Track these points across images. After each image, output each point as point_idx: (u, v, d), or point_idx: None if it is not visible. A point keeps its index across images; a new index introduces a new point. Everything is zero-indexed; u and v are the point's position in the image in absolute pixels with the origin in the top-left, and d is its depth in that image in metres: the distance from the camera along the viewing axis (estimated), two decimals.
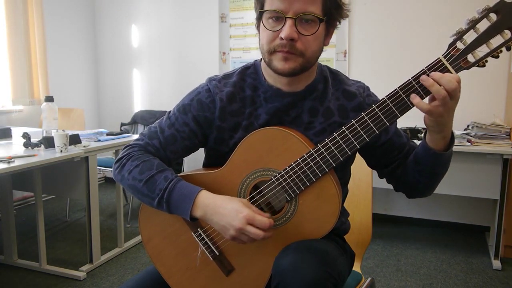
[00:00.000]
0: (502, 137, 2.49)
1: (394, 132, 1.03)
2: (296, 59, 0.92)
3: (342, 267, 0.96)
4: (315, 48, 0.93)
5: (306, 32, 0.90)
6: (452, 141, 0.92)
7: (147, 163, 0.97)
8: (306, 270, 0.81)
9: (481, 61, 0.82)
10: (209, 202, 0.91)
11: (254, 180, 0.95)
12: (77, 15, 4.04)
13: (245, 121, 1.01)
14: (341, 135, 0.89)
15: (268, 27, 0.92)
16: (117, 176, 1.01)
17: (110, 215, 3.33)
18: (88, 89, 4.22)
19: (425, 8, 2.98)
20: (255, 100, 1.02)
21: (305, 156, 0.90)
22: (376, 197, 3.22)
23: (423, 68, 0.84)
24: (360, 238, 1.32)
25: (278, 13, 0.89)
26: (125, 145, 1.05)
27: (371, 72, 3.18)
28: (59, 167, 2.33)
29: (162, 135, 1.03)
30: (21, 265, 2.42)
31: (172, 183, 0.94)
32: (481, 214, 2.99)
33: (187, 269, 1.01)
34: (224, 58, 3.69)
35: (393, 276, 2.35)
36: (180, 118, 1.03)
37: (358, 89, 1.04)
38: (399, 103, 0.85)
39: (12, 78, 3.38)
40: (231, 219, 0.87)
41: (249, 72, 1.05)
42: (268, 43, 0.93)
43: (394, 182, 1.07)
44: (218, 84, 1.03)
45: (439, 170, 0.96)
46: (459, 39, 0.82)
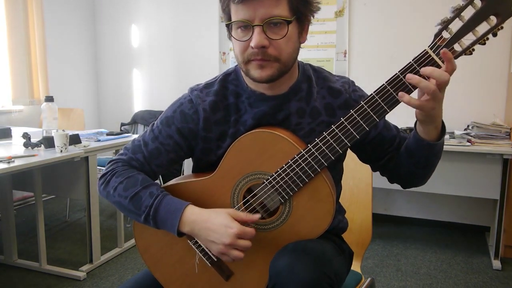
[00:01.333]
0: (502, 137, 2.49)
1: (383, 126, 1.02)
2: (272, 65, 0.90)
3: (339, 267, 0.96)
4: (289, 50, 0.91)
5: (276, 36, 0.88)
6: (444, 129, 0.91)
7: (131, 179, 0.96)
8: (301, 271, 0.81)
9: (468, 49, 0.80)
10: (195, 218, 0.90)
11: (247, 184, 0.95)
12: (77, 15, 4.04)
13: (232, 128, 0.99)
14: (331, 134, 0.88)
15: (237, 38, 0.91)
16: (103, 193, 1.00)
17: (110, 215, 3.33)
18: (88, 89, 4.22)
19: (425, 8, 2.98)
20: (239, 106, 1.00)
21: (296, 157, 0.89)
22: (376, 197, 3.22)
23: (410, 61, 0.82)
24: (360, 238, 1.32)
25: (245, 22, 0.87)
26: (109, 160, 1.03)
27: (371, 72, 3.18)
28: (59, 167, 2.33)
29: (146, 148, 1.01)
30: (21, 265, 2.42)
31: (157, 199, 0.93)
32: (481, 214, 2.99)
33: (186, 276, 1.01)
34: (224, 58, 3.69)
35: (393, 276, 2.35)
36: (164, 131, 1.01)
37: (343, 85, 1.02)
38: (388, 98, 0.84)
39: (12, 78, 3.38)
40: (219, 235, 0.86)
41: (230, 79, 1.03)
42: (241, 54, 0.92)
43: (388, 174, 1.06)
44: (200, 94, 1.01)
45: (434, 160, 0.95)
46: (445, 28, 0.80)
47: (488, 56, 2.81)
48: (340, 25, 3.22)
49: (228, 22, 0.92)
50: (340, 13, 3.21)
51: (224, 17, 0.95)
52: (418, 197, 3.16)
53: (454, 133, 2.60)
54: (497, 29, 0.78)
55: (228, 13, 0.92)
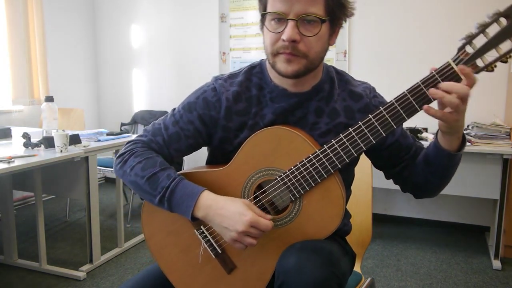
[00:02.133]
0: (502, 137, 2.49)
1: (400, 133, 1.02)
2: (299, 61, 0.91)
3: (345, 267, 0.96)
4: (319, 49, 0.93)
5: (308, 33, 0.89)
6: (464, 140, 0.92)
7: (150, 160, 0.97)
8: (311, 270, 0.81)
9: (490, 65, 0.81)
10: (211, 203, 0.90)
11: (259, 179, 0.95)
12: (77, 15, 4.04)
13: (251, 120, 1.00)
14: (348, 136, 0.88)
15: (270, 29, 0.92)
16: (119, 171, 1.00)
17: (110, 215, 3.33)
18: (88, 89, 4.22)
19: (425, 8, 2.98)
20: (260, 99, 1.01)
21: (310, 157, 0.90)
22: (376, 197, 3.22)
23: (432, 72, 0.83)
24: (360, 238, 1.32)
25: (280, 14, 0.88)
26: (128, 141, 1.04)
27: (371, 72, 3.18)
28: (59, 167, 2.33)
29: (166, 132, 1.02)
30: (21, 265, 2.42)
31: (174, 181, 0.93)
32: (481, 214, 2.99)
33: (189, 266, 1.01)
34: (224, 58, 3.69)
35: (393, 276, 2.35)
36: (185, 116, 1.02)
37: (364, 90, 1.03)
38: (407, 106, 0.84)
39: (12, 78, 3.38)
40: (234, 222, 0.86)
41: (255, 72, 1.04)
42: (271, 45, 0.92)
43: (401, 182, 1.07)
44: (224, 83, 1.03)
45: (451, 170, 0.96)
46: (469, 43, 0.81)
47: None
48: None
49: (264, 12, 0.93)
50: None
51: (260, 7, 0.96)
52: None
53: None
54: None
55: (264, 3, 0.93)
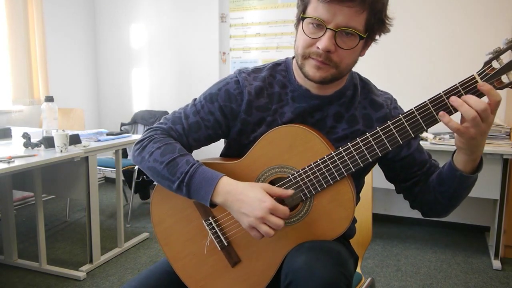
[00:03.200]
0: (502, 137, 2.49)
1: (416, 147, 1.02)
2: (328, 69, 0.91)
3: (352, 268, 0.97)
4: (350, 61, 0.92)
5: (344, 46, 0.88)
6: (481, 165, 0.90)
7: (169, 146, 0.97)
8: (320, 269, 0.81)
9: None
10: (230, 188, 0.90)
11: (271, 176, 0.95)
12: (77, 15, 4.04)
13: (270, 117, 1.00)
14: (364, 141, 0.88)
15: (307, 32, 0.90)
16: (137, 158, 1.00)
17: (110, 215, 3.33)
18: (88, 89, 4.22)
19: (425, 8, 2.98)
20: (282, 97, 1.01)
21: (325, 158, 0.90)
22: (376, 197, 3.22)
23: (456, 84, 0.82)
24: (360, 238, 1.31)
25: (320, 21, 0.87)
26: (148, 128, 1.04)
27: (371, 72, 3.16)
28: (59, 167, 2.33)
29: (186, 121, 1.02)
30: (21, 265, 2.42)
31: (194, 167, 0.93)
32: (481, 214, 3.00)
33: (194, 256, 1.02)
34: (224, 58, 3.69)
35: (393, 276, 2.35)
36: (206, 106, 1.02)
37: (385, 100, 1.03)
38: (427, 116, 0.84)
39: (12, 78, 3.38)
40: (253, 208, 0.86)
41: (279, 69, 1.04)
42: (304, 48, 0.92)
43: (411, 199, 1.06)
44: (247, 77, 1.02)
45: (461, 192, 0.94)
46: (496, 58, 0.80)
47: None
48: None
49: (304, 15, 0.91)
50: None
51: (299, 6, 0.94)
52: None
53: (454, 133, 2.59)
54: None
55: (305, 5, 0.92)
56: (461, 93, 0.81)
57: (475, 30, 2.81)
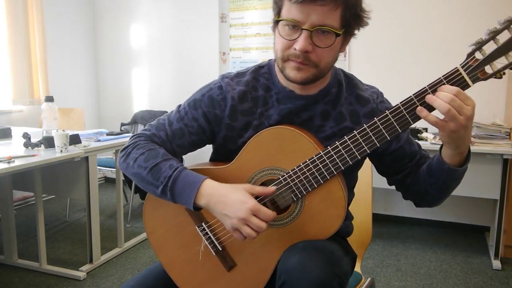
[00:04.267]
0: (502, 137, 2.49)
1: (405, 139, 1.02)
2: (309, 70, 0.91)
3: (346, 267, 0.96)
4: (329, 59, 0.92)
5: (321, 44, 0.88)
6: (468, 157, 0.90)
7: (152, 152, 0.97)
8: (313, 269, 0.81)
9: (498, 72, 0.80)
10: (213, 190, 0.90)
11: (262, 178, 0.95)
12: (77, 15, 4.04)
13: (256, 120, 1.00)
14: (352, 139, 0.88)
15: (283, 35, 0.90)
16: (122, 165, 1.01)
17: (110, 215, 3.33)
18: (88, 89, 4.22)
19: (425, 8, 2.98)
20: (267, 100, 1.01)
21: (314, 158, 0.90)
22: (376, 197, 3.22)
23: (440, 77, 0.82)
24: (360, 238, 1.32)
25: (295, 22, 0.87)
26: (132, 135, 1.04)
27: (371, 72, 3.18)
28: (59, 167, 2.33)
29: (170, 127, 1.02)
30: (21, 265, 2.42)
31: (177, 171, 0.93)
32: (481, 214, 2.99)
33: (189, 262, 1.02)
34: (224, 58, 3.69)
35: (393, 276, 2.35)
36: (190, 112, 1.02)
37: (371, 94, 1.03)
38: (413, 110, 0.84)
39: (12, 78, 3.38)
40: (235, 209, 0.86)
41: (262, 72, 1.04)
42: (282, 50, 0.92)
43: (403, 190, 1.06)
44: (230, 82, 1.02)
45: (451, 184, 0.94)
46: (478, 49, 0.80)
47: None
48: None
49: (278, 18, 0.91)
50: None
51: (274, 9, 0.94)
52: None
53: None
54: None
55: (279, 7, 0.91)
56: None
57: (476, 29, 2.81)
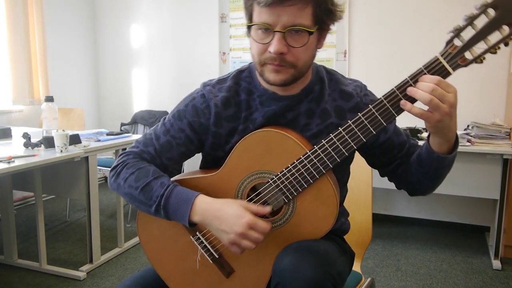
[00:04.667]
0: (502, 137, 2.49)
1: (393, 131, 1.02)
2: (287, 71, 0.90)
3: (342, 267, 0.96)
4: (306, 58, 0.92)
5: (296, 44, 0.88)
6: (456, 144, 0.91)
7: (142, 170, 0.97)
8: (305, 270, 0.81)
9: (479, 58, 0.80)
10: (207, 206, 0.90)
11: (251, 183, 0.95)
12: (77, 15, 4.04)
13: (241, 125, 1.00)
14: (338, 136, 0.88)
15: (257, 39, 0.90)
16: (113, 185, 1.00)
17: (110, 215, 3.33)
18: (88, 89, 4.22)
19: (425, 7, 2.98)
20: (250, 104, 1.01)
21: (301, 158, 0.89)
22: (376, 197, 3.22)
23: (420, 67, 0.82)
24: (360, 238, 1.32)
25: (266, 26, 0.87)
26: (120, 153, 1.03)
27: (371, 72, 3.18)
28: (59, 167, 2.33)
29: (157, 142, 1.02)
30: (21, 265, 2.42)
31: (169, 189, 0.93)
32: (481, 214, 2.99)
33: (187, 272, 1.01)
34: (224, 58, 3.69)
35: (393, 276, 2.35)
36: (176, 124, 1.02)
37: (355, 88, 1.03)
38: (396, 103, 0.84)
39: (12, 78, 3.38)
40: (232, 224, 0.86)
41: (243, 76, 1.03)
42: (258, 55, 0.92)
43: (395, 180, 1.06)
44: (212, 89, 1.02)
45: (442, 172, 0.95)
46: (457, 36, 0.80)
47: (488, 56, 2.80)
48: (340, 25, 3.22)
49: (250, 23, 0.92)
50: None
51: (245, 15, 0.94)
52: (418, 197, 3.15)
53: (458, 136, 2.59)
54: (509, 38, 0.78)
55: (250, 12, 0.92)
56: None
57: None
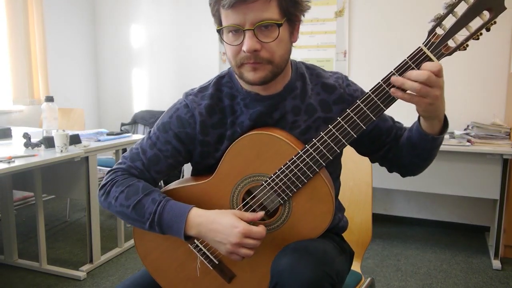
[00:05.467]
0: (502, 137, 2.49)
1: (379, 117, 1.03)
2: (264, 68, 0.91)
3: (340, 266, 0.96)
4: (281, 51, 0.92)
5: (267, 39, 0.88)
6: (446, 122, 0.92)
7: (132, 188, 0.96)
8: (303, 270, 0.81)
9: (462, 45, 0.80)
10: (201, 220, 0.90)
11: (246, 186, 0.95)
12: (77, 15, 4.04)
13: (229, 130, 1.00)
14: (328, 133, 0.88)
15: (229, 42, 0.91)
16: (104, 204, 1.00)
17: (110, 215, 3.33)
18: (88, 89, 4.22)
19: (425, 7, 2.98)
20: (234, 108, 1.00)
21: (294, 158, 0.89)
22: (376, 197, 3.22)
23: (405, 59, 0.83)
24: (360, 238, 1.32)
25: (235, 27, 0.88)
26: (108, 170, 1.03)
27: (371, 72, 3.18)
28: (59, 167, 2.33)
29: (144, 156, 1.01)
30: (21, 265, 2.42)
31: (160, 205, 0.93)
32: (481, 214, 2.99)
33: (188, 280, 1.01)
34: (224, 58, 3.69)
35: (393, 276, 2.35)
36: (161, 136, 1.01)
37: (336, 80, 1.03)
38: (383, 97, 0.85)
39: (12, 78, 3.38)
40: (227, 235, 0.86)
41: (224, 82, 1.03)
42: (233, 58, 0.92)
43: (387, 165, 1.07)
44: (195, 98, 1.02)
45: (435, 152, 0.97)
46: (438, 25, 0.80)
47: (488, 56, 2.81)
48: (340, 25, 3.22)
49: (219, 27, 0.92)
50: (340, 13, 3.21)
51: (215, 22, 0.95)
52: (418, 197, 3.16)
53: (454, 133, 2.59)
54: (490, 24, 0.78)
55: (218, 18, 0.93)
56: (411, 67, 0.82)
57: None
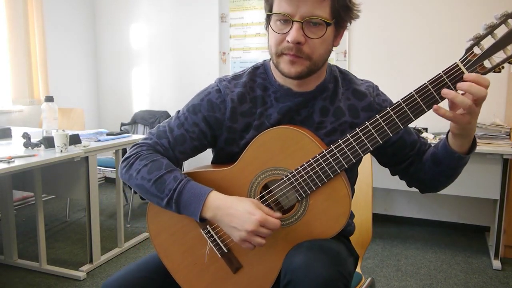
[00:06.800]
0: (502, 137, 2.49)
1: (404, 130, 1.02)
2: (302, 63, 0.92)
3: (351, 268, 0.97)
4: (322, 51, 0.93)
5: (313, 36, 0.89)
6: (475, 142, 0.92)
7: (156, 163, 0.97)
8: (318, 269, 0.81)
9: (497, 67, 0.81)
10: (219, 203, 0.90)
11: (265, 179, 0.95)
12: (77, 15, 4.04)
13: (256, 121, 1.00)
14: (354, 136, 0.89)
15: (275, 30, 0.92)
16: (124, 176, 1.00)
17: (110, 215, 3.33)
18: (88, 89, 4.22)
19: (425, 8, 2.98)
20: (265, 100, 1.01)
21: (317, 157, 0.90)
22: (376, 197, 3.22)
23: (440, 73, 0.83)
24: (360, 238, 1.32)
25: (286, 16, 0.89)
26: (133, 144, 1.04)
27: (371, 72, 3.18)
28: (59, 167, 2.33)
29: (171, 134, 1.02)
30: (21, 265, 2.42)
31: (181, 183, 0.93)
32: (481, 214, 2.99)
33: (195, 265, 1.01)
34: (224, 58, 3.69)
35: (393, 276, 2.35)
36: (190, 118, 1.02)
37: (367, 88, 1.04)
38: (414, 107, 0.85)
39: (12, 78, 3.38)
40: (243, 221, 0.86)
41: (258, 72, 1.05)
42: (275, 45, 0.93)
43: (407, 179, 1.07)
44: (228, 84, 1.03)
45: (459, 170, 0.97)
46: (477, 44, 0.81)
47: None
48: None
49: (269, 13, 0.93)
50: None
51: (265, 6, 0.96)
52: (418, 197, 3.16)
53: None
54: None
55: (270, 3, 0.93)
56: (445, 82, 0.82)
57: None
